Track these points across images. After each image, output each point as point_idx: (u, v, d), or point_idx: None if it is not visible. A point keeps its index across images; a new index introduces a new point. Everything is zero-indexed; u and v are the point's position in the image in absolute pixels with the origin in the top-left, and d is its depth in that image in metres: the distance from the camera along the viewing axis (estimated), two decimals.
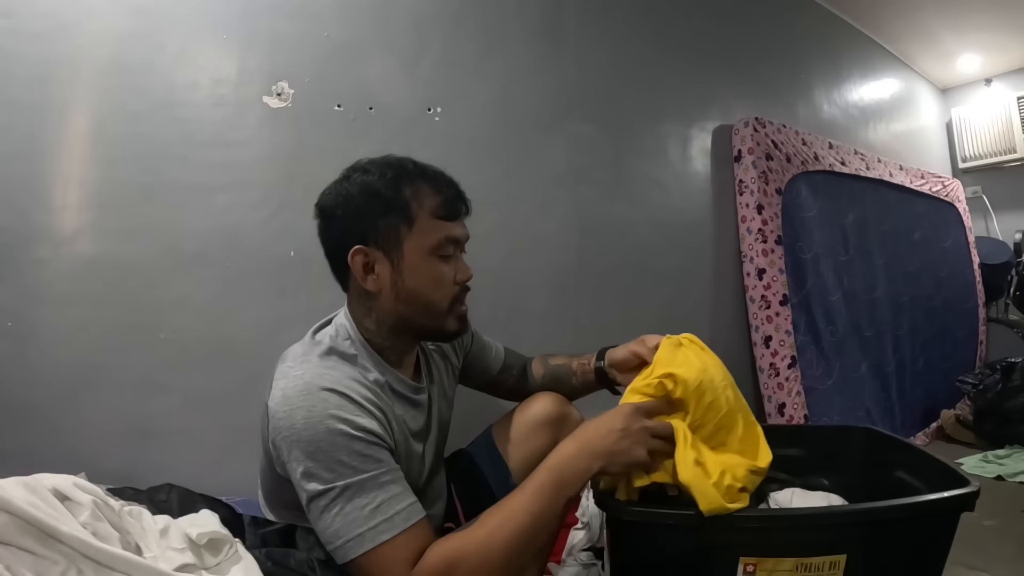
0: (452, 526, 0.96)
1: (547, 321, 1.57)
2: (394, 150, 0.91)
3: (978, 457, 2.11)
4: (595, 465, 0.75)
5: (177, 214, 1.12)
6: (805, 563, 0.74)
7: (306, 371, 0.76)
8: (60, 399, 1.00)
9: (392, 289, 0.83)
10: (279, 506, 0.84)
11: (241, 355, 1.14)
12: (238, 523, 0.82)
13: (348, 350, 0.83)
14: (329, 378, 0.75)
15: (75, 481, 0.64)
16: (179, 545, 0.67)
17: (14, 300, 0.99)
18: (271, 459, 0.78)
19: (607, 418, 0.78)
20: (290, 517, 0.81)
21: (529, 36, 1.63)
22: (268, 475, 0.82)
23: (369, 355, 0.84)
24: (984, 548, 1.35)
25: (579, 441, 0.77)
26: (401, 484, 0.73)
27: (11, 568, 0.52)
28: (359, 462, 0.70)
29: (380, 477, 0.71)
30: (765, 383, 1.92)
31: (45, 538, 0.55)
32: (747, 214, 2.01)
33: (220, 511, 0.80)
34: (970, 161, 3.31)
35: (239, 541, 0.74)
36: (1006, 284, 3.01)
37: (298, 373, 0.76)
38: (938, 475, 0.88)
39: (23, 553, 0.53)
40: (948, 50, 3.07)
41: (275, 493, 0.84)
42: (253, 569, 0.69)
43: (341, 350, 0.82)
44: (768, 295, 1.94)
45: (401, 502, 0.71)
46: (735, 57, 2.19)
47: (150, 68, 1.11)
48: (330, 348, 0.81)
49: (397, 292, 0.83)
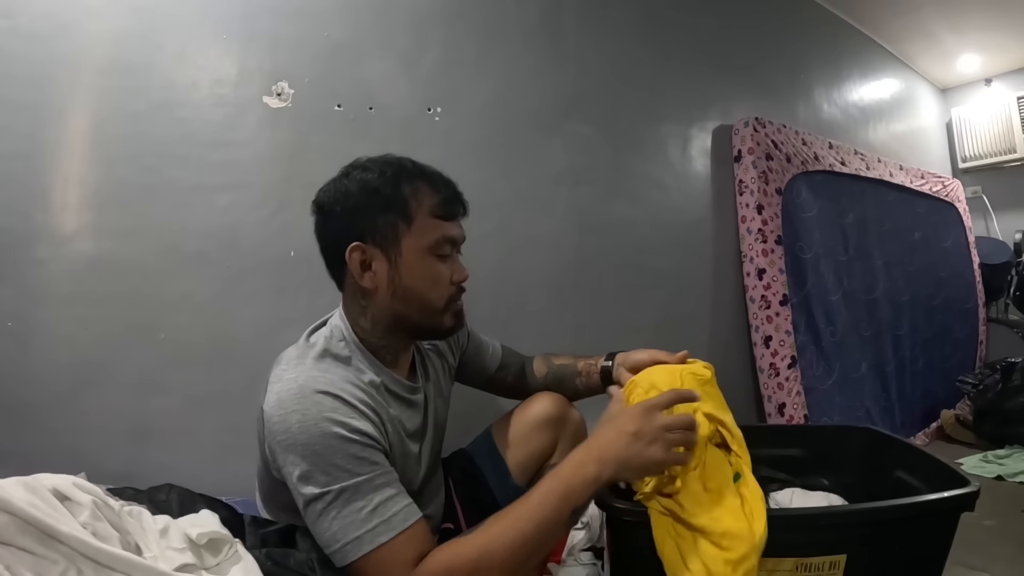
0: (451, 527, 0.96)
1: (547, 320, 1.57)
2: (394, 150, 0.91)
3: (978, 457, 2.11)
4: (605, 472, 0.72)
5: (177, 214, 1.12)
6: (805, 563, 0.74)
7: (300, 374, 0.76)
8: (60, 399, 1.00)
9: (389, 287, 0.83)
10: (276, 508, 0.84)
11: (241, 355, 1.14)
12: (238, 523, 0.82)
13: (342, 352, 0.83)
14: (323, 381, 0.75)
15: (75, 481, 0.64)
16: (179, 545, 0.67)
17: (14, 300, 0.99)
18: (267, 462, 0.78)
19: (619, 421, 0.75)
20: (287, 519, 0.81)
21: (529, 36, 1.63)
22: (264, 477, 0.83)
23: (364, 356, 0.84)
24: (984, 548, 1.35)
25: (588, 448, 0.75)
26: (396, 486, 0.73)
27: (11, 568, 0.52)
28: (354, 465, 0.70)
29: (376, 480, 0.71)
30: (765, 383, 1.92)
31: (45, 538, 0.55)
32: (747, 214, 2.01)
33: (220, 511, 0.79)
34: (970, 161, 3.31)
35: (239, 541, 0.74)
36: (1006, 284, 3.01)
37: (292, 376, 0.76)
38: (938, 475, 0.88)
39: (23, 553, 0.53)
40: (948, 50, 3.07)
41: (272, 495, 0.84)
42: (253, 569, 0.69)
43: (335, 352, 0.82)
44: (768, 295, 1.94)
45: (397, 504, 0.71)
46: (735, 57, 2.19)
47: (150, 68, 1.11)
48: (324, 350, 0.81)
49: (394, 290, 0.83)
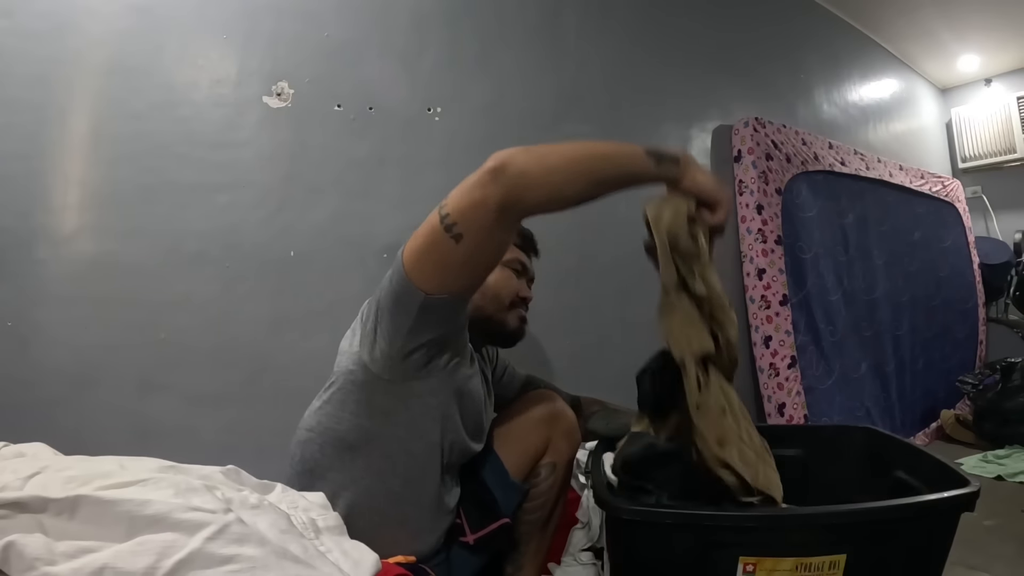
0: (457, 522, 0.96)
1: (547, 320, 1.57)
2: (394, 150, 0.91)
3: (978, 457, 2.11)
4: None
5: (177, 214, 1.12)
6: (805, 563, 0.74)
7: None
8: (60, 399, 1.00)
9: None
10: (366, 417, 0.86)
11: (241, 355, 1.14)
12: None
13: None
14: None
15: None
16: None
17: (14, 300, 0.99)
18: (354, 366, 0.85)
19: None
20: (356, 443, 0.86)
21: (528, 37, 1.63)
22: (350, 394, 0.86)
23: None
24: (984, 548, 1.35)
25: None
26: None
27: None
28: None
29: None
30: (765, 383, 1.92)
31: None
32: (747, 214, 2.01)
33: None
34: (970, 161, 3.31)
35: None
36: (1006, 284, 3.01)
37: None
38: (938, 475, 0.88)
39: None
40: (948, 50, 3.07)
41: (359, 406, 0.86)
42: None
43: None
44: (768, 295, 1.94)
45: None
46: (735, 57, 2.19)
47: (150, 68, 1.11)
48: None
49: (481, 290, 0.91)
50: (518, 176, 0.70)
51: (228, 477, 0.74)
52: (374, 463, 0.86)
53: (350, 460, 0.86)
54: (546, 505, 1.03)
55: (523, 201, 0.72)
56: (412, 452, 0.87)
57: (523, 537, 1.03)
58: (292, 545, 0.59)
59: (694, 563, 0.77)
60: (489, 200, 0.70)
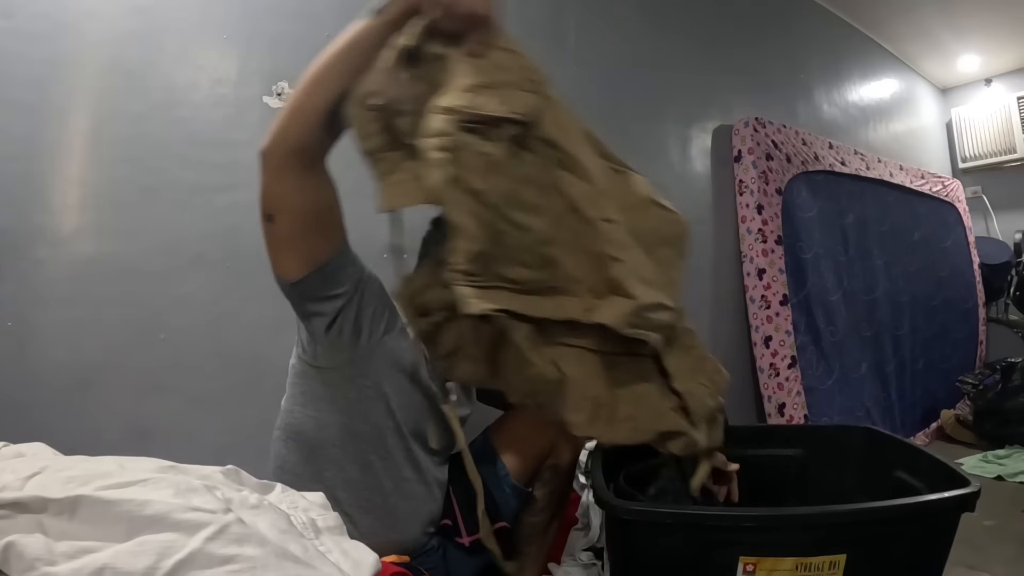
0: (449, 523, 0.96)
1: None
2: None
3: (978, 457, 2.11)
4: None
5: (177, 214, 1.12)
6: (805, 563, 0.74)
7: None
8: (60, 399, 1.00)
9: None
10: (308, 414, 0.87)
11: (241, 356, 1.14)
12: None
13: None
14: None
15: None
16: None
17: (14, 300, 0.99)
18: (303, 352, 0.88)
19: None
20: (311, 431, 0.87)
21: (528, 36, 1.62)
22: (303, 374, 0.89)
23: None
24: (984, 548, 1.35)
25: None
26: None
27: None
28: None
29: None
30: (765, 383, 1.92)
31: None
32: (747, 214, 2.01)
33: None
34: (970, 161, 3.31)
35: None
36: (1006, 284, 3.01)
37: None
38: (938, 475, 0.88)
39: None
40: (948, 50, 3.07)
41: (306, 397, 0.88)
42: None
43: None
44: (768, 295, 1.94)
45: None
46: (735, 57, 2.19)
47: (150, 69, 1.11)
48: None
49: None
50: (273, 133, 0.77)
51: (228, 477, 0.74)
52: (328, 452, 0.86)
53: (309, 453, 0.87)
54: (549, 508, 1.03)
55: (286, 140, 0.77)
56: (360, 435, 0.86)
57: (525, 540, 1.02)
58: (292, 545, 0.59)
59: (694, 563, 0.77)
60: (265, 169, 0.77)
